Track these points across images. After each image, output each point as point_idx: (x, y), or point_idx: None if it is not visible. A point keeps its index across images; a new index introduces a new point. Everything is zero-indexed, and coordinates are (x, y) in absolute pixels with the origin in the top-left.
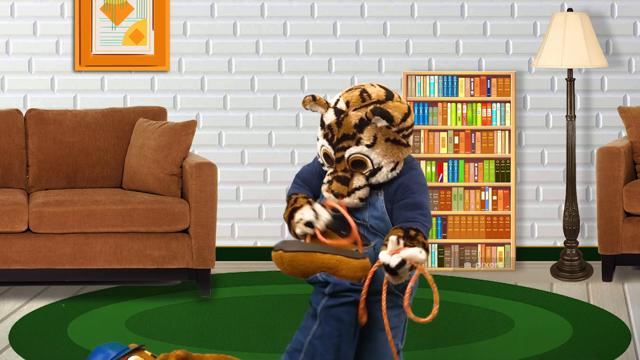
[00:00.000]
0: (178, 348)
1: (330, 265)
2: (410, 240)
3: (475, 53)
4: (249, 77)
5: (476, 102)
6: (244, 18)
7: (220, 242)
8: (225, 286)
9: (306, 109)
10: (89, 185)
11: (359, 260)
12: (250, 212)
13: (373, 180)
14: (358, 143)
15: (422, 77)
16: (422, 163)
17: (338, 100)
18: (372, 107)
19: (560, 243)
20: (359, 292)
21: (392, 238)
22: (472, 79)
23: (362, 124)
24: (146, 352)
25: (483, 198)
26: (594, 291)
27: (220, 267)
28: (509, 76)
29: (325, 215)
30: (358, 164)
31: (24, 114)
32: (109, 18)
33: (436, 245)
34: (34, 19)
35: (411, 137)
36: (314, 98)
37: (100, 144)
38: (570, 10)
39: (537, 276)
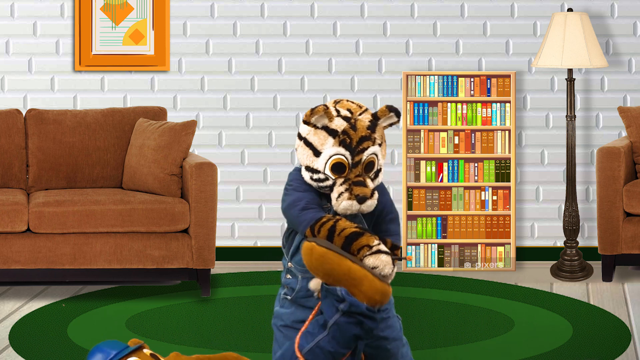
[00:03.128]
0: (178, 348)
1: (355, 277)
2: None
3: (475, 53)
4: (249, 77)
5: (476, 102)
6: (244, 18)
7: (220, 242)
8: (225, 286)
9: (311, 121)
10: (89, 185)
11: (383, 283)
12: (250, 212)
13: (375, 183)
14: (374, 143)
15: (422, 77)
16: (422, 163)
17: (338, 110)
18: (370, 113)
19: (560, 243)
20: (373, 320)
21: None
22: (472, 79)
23: (373, 125)
24: (145, 351)
25: (483, 198)
26: (594, 291)
27: (220, 267)
28: (509, 76)
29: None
30: (370, 167)
31: (24, 114)
32: (109, 18)
33: (436, 245)
34: (34, 19)
35: None
36: (326, 107)
37: (100, 144)
38: (570, 10)
39: (537, 276)
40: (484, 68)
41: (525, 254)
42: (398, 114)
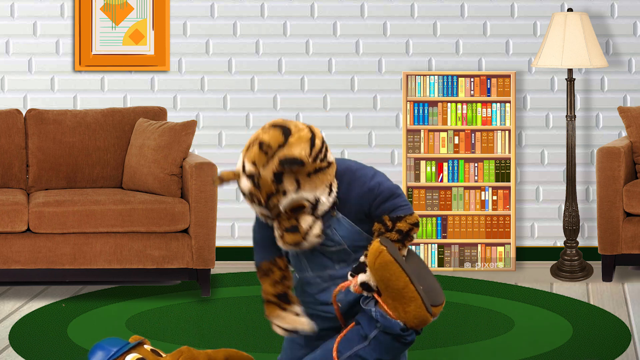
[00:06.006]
0: (178, 348)
1: (406, 295)
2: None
3: (475, 53)
4: (249, 77)
5: (476, 102)
6: (244, 18)
7: (220, 242)
8: (225, 286)
9: (224, 186)
10: (89, 185)
11: (427, 314)
12: (250, 212)
13: (319, 213)
14: (285, 194)
15: (422, 77)
16: (422, 163)
17: (243, 164)
18: (277, 160)
19: (560, 243)
20: (405, 341)
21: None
22: (472, 79)
23: (279, 176)
24: (145, 347)
25: (483, 198)
26: (594, 291)
27: (220, 267)
28: (509, 76)
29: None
30: (297, 209)
31: (24, 114)
32: (109, 18)
33: (436, 245)
34: (34, 19)
35: (329, 153)
36: (221, 180)
37: (100, 144)
38: (570, 10)
39: (537, 276)
40: (484, 68)
41: (525, 254)
42: (295, 164)
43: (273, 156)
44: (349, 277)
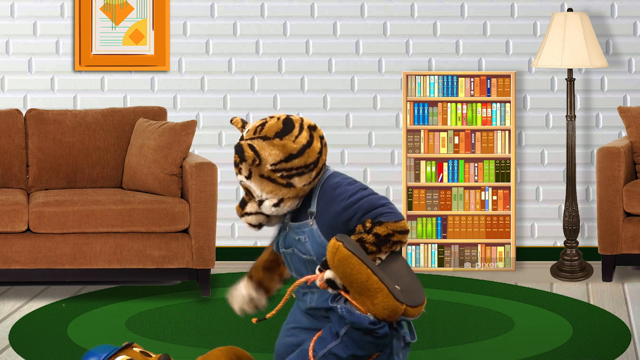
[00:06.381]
0: (178, 348)
1: (371, 287)
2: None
3: (475, 53)
4: (249, 77)
5: (476, 102)
6: (244, 18)
7: (220, 242)
8: (225, 286)
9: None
10: (89, 185)
11: (397, 302)
12: None
13: (261, 209)
14: (240, 172)
15: (422, 77)
16: (422, 163)
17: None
18: (248, 141)
19: (560, 243)
20: (378, 336)
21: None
22: (472, 79)
23: (241, 156)
24: (135, 349)
25: (483, 198)
26: (594, 291)
27: (220, 267)
28: (509, 76)
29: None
30: (248, 191)
31: (24, 114)
32: (109, 18)
33: (436, 245)
34: (34, 19)
35: (302, 177)
36: (232, 121)
37: (100, 144)
38: (570, 10)
39: (537, 276)
40: (484, 68)
41: (525, 254)
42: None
43: (253, 138)
44: (317, 272)
